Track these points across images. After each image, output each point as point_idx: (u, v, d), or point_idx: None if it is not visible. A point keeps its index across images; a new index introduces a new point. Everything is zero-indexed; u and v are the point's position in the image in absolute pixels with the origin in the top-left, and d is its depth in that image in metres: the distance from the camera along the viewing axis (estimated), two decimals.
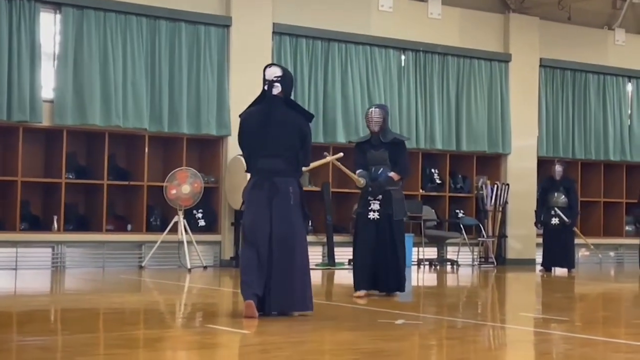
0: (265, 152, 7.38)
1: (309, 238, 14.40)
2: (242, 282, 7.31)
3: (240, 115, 7.71)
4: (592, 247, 16.33)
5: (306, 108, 14.32)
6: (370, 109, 9.57)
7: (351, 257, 9.88)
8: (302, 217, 7.44)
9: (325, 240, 14.17)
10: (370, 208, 9.32)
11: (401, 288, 9.38)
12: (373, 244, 9.29)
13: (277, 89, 7.44)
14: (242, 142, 7.59)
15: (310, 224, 14.41)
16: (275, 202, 7.32)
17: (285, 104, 7.50)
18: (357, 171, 9.37)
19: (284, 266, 7.27)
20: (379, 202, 9.31)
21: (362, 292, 9.16)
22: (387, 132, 9.51)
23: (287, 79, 7.52)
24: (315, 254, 14.36)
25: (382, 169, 9.36)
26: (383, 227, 9.29)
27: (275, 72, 7.49)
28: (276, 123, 7.39)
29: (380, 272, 9.30)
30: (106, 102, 12.86)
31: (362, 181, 9.26)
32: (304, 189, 7.69)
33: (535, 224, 14.95)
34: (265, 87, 7.49)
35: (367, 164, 9.43)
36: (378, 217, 9.30)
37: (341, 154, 9.19)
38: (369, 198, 9.34)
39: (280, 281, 7.26)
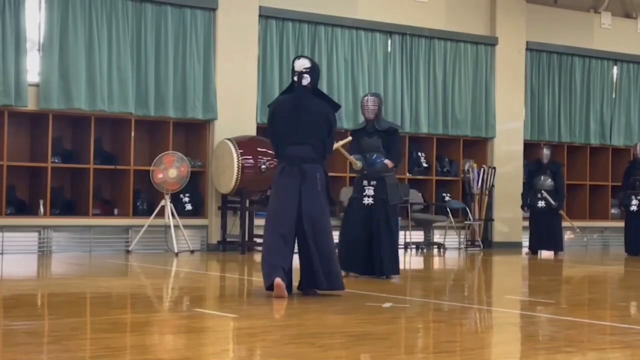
0: (294, 140, 7.74)
1: None
2: (266, 263, 7.55)
3: (269, 105, 8.08)
4: (577, 230, 16.39)
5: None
6: (366, 97, 9.80)
7: (336, 240, 9.97)
8: (327, 203, 7.77)
9: None
10: (365, 194, 9.52)
11: (397, 271, 9.58)
12: (367, 228, 9.46)
13: (306, 80, 7.83)
14: (271, 130, 7.94)
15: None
16: (303, 188, 7.63)
17: (313, 94, 7.84)
18: (352, 156, 9.53)
19: (319, 247, 7.60)
20: (373, 188, 9.51)
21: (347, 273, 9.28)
22: (382, 120, 9.78)
23: (315, 70, 7.89)
24: None
25: (375, 156, 9.56)
26: (378, 212, 9.47)
27: (304, 63, 7.84)
28: (306, 112, 7.74)
29: (377, 257, 9.44)
30: (92, 86, 12.80)
31: (359, 164, 9.44)
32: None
33: (522, 207, 15.02)
34: (295, 78, 7.84)
35: (362, 151, 9.62)
36: (372, 202, 9.50)
37: (349, 139, 9.49)
38: (364, 184, 9.54)
39: (316, 262, 7.58)
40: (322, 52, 14.66)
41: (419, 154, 15.94)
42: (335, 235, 8.52)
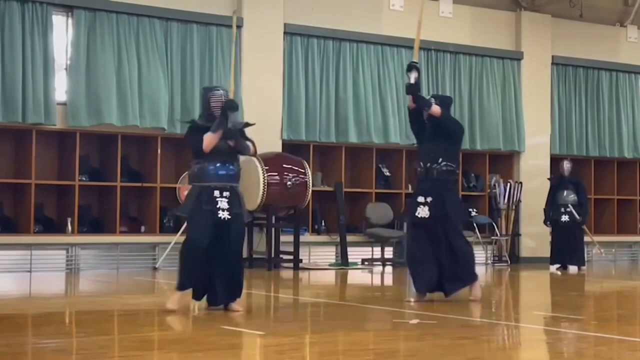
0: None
1: (322, 238, 14.52)
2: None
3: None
4: (597, 245, 16.10)
5: (317, 108, 14.38)
6: None
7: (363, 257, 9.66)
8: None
9: (338, 240, 14.16)
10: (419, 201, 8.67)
11: (470, 280, 8.87)
12: (429, 245, 8.68)
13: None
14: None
15: (323, 224, 14.47)
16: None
17: None
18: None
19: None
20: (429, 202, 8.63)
21: (421, 296, 8.74)
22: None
23: None
24: (328, 254, 14.38)
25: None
26: (435, 228, 8.65)
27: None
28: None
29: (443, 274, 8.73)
30: (122, 103, 12.84)
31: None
32: (317, 188, 7.91)
33: (545, 222, 14.89)
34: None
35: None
36: (427, 215, 8.61)
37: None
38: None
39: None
40: (348, 69, 14.67)
41: None
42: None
